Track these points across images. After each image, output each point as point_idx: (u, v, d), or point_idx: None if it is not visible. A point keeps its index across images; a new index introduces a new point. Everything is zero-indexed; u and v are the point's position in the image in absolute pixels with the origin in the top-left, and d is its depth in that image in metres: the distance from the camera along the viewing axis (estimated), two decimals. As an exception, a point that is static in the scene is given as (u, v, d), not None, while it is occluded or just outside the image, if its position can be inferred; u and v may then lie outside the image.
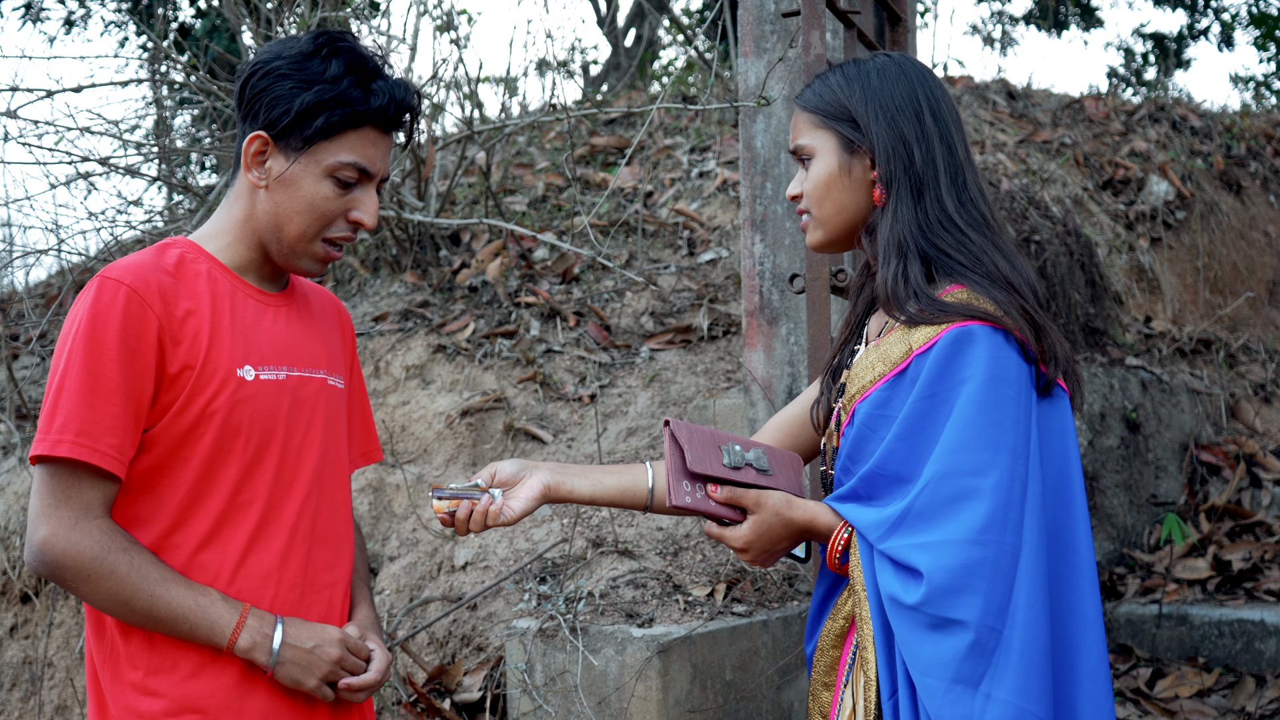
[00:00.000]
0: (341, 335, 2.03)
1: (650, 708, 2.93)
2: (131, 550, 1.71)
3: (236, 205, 1.86)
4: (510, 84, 6.60)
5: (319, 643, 1.80)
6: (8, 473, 4.49)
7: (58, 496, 1.70)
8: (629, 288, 4.62)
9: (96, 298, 1.71)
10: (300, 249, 1.83)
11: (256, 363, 1.80)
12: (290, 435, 1.83)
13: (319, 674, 1.79)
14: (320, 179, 1.79)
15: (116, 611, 1.72)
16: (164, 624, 1.73)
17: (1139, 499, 4.90)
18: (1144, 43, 13.05)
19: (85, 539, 1.69)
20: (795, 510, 1.80)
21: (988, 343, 1.70)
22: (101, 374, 1.69)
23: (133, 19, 7.59)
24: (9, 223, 6.20)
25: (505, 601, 3.38)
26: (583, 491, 1.95)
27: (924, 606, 1.63)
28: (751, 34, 3.52)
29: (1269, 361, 5.92)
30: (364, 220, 1.83)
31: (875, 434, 1.77)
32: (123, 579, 1.69)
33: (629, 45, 9.57)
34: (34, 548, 1.70)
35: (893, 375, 1.77)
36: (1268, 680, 4.00)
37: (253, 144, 1.80)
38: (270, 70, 1.78)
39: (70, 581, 1.70)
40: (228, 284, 1.83)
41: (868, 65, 1.88)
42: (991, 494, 1.65)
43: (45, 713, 4.00)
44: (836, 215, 1.87)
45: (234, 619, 1.74)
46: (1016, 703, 1.60)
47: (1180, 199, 6.18)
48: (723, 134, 5.56)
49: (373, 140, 1.81)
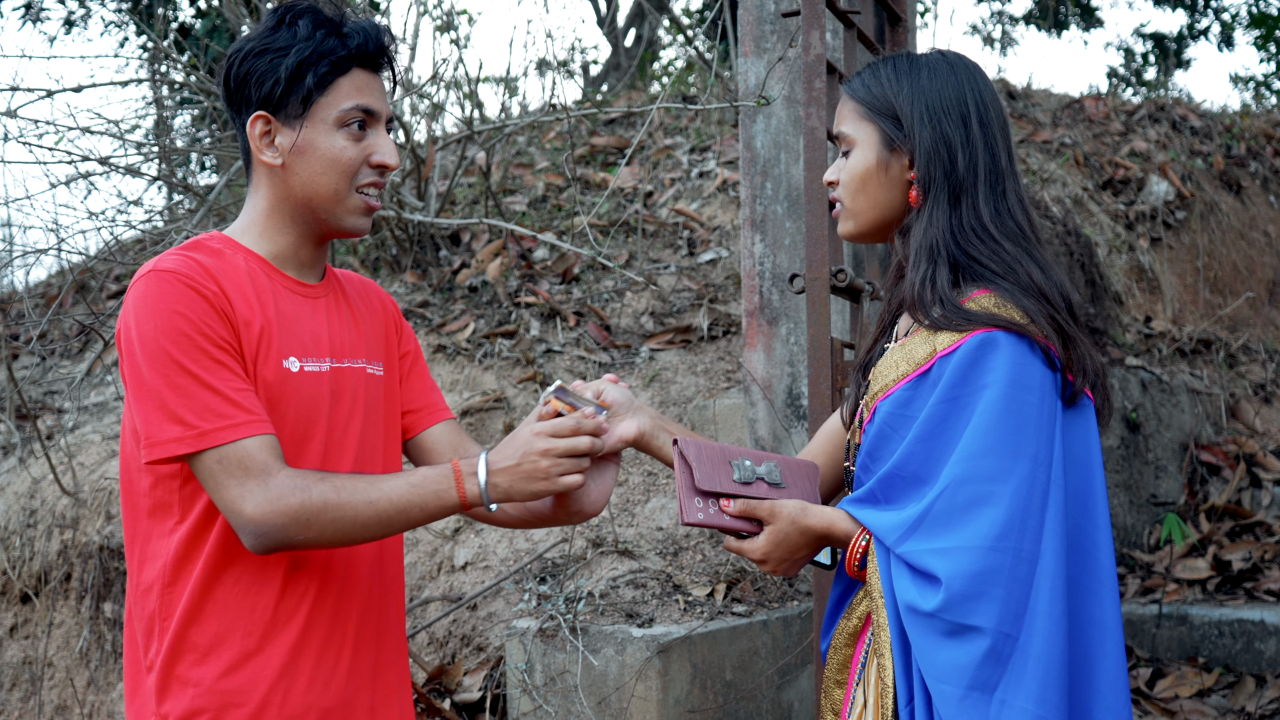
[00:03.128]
0: (384, 319, 2.03)
1: (650, 708, 2.92)
2: (326, 477, 1.72)
3: (259, 196, 1.87)
4: (510, 84, 6.61)
5: (521, 450, 1.76)
6: (8, 473, 4.49)
7: (236, 476, 1.69)
8: (629, 288, 4.62)
9: (157, 290, 1.72)
10: (339, 208, 1.84)
11: (300, 354, 1.81)
12: (332, 427, 1.84)
13: (546, 473, 1.76)
14: (331, 133, 1.81)
15: (354, 535, 1.72)
16: (396, 520, 1.73)
17: (1139, 499, 4.90)
18: (1144, 43, 13.04)
19: (283, 493, 1.68)
20: (811, 518, 1.79)
21: (1011, 349, 1.70)
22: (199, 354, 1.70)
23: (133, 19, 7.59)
24: (9, 223, 6.20)
25: (505, 601, 3.38)
26: (669, 447, 1.93)
27: (941, 613, 1.63)
28: (751, 34, 3.52)
29: (1269, 361, 5.92)
30: (386, 161, 1.85)
31: (896, 433, 1.77)
32: (338, 504, 1.70)
33: (629, 45, 9.56)
34: (248, 528, 1.68)
35: (915, 375, 1.76)
36: (1268, 680, 4.00)
37: (255, 125, 1.82)
38: (245, 54, 1.81)
39: (296, 536, 1.69)
40: (266, 276, 1.84)
41: (920, 61, 1.86)
42: (1010, 500, 1.65)
43: (45, 713, 4.01)
44: (870, 210, 1.87)
45: (450, 478, 1.75)
46: (1033, 710, 1.60)
47: (1180, 199, 6.18)
48: (723, 134, 5.56)
49: (365, 81, 1.83)
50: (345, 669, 1.84)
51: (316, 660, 1.80)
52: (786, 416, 3.47)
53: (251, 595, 1.77)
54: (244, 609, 1.77)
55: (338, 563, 1.84)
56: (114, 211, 4.64)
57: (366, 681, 1.87)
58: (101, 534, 4.04)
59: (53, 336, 5.34)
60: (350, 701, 1.84)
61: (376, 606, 1.90)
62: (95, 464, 4.28)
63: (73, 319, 4.94)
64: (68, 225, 5.33)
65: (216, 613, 1.76)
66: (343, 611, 1.85)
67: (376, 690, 1.89)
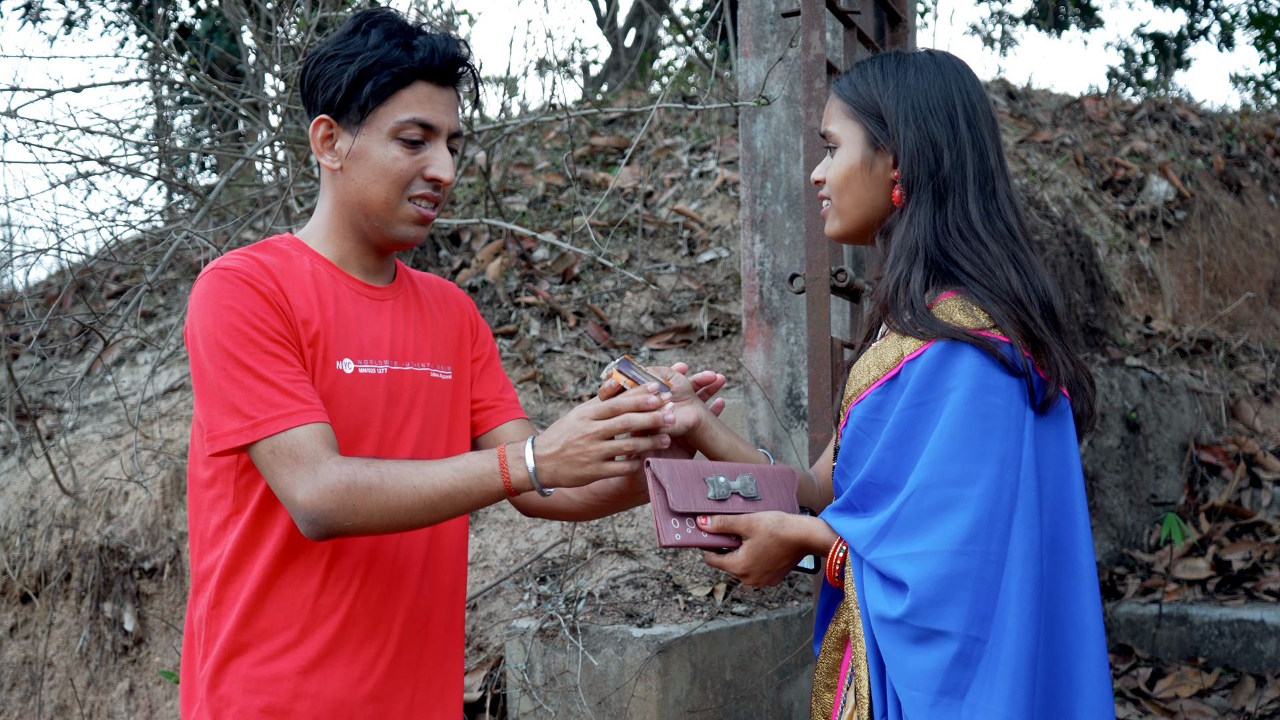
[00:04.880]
0: (459, 321, 2.03)
1: (650, 708, 2.92)
2: (373, 463, 1.73)
3: (324, 199, 1.90)
4: (510, 84, 6.60)
5: (565, 436, 1.74)
6: (8, 473, 4.49)
7: (288, 464, 1.71)
8: (629, 288, 4.62)
9: (216, 287, 1.76)
10: (389, 216, 1.86)
11: (356, 356, 1.83)
12: (386, 429, 1.85)
13: (591, 457, 1.73)
14: (386, 143, 1.82)
15: (400, 521, 1.73)
16: (442, 506, 1.73)
17: (1139, 499, 4.90)
18: (1144, 43, 13.04)
19: (331, 479, 1.69)
20: (788, 529, 1.78)
21: (975, 352, 1.69)
22: (254, 348, 1.73)
23: (133, 19, 7.59)
24: (9, 222, 6.20)
25: (505, 601, 3.38)
26: (718, 447, 1.92)
27: (909, 619, 1.63)
28: (751, 34, 3.52)
29: (1269, 361, 5.92)
30: (440, 175, 1.86)
31: (869, 437, 1.77)
32: (384, 490, 1.70)
33: (629, 45, 9.56)
34: (301, 514, 1.71)
35: (886, 380, 1.76)
36: (1268, 680, 4.00)
37: (318, 129, 1.85)
38: (320, 57, 1.84)
39: (344, 522, 1.71)
40: (329, 277, 1.86)
41: (908, 61, 1.85)
42: (978, 504, 1.64)
43: (45, 713, 4.01)
44: (855, 208, 1.86)
45: (495, 463, 1.74)
46: (1003, 712, 1.59)
47: (1180, 199, 6.18)
48: (723, 134, 5.56)
49: (428, 95, 1.84)
50: (385, 666, 1.85)
51: (353, 655, 1.82)
52: (786, 416, 3.47)
53: (293, 589, 1.80)
54: (291, 603, 1.80)
55: (384, 558, 1.85)
56: (114, 211, 4.64)
57: (408, 680, 1.88)
58: (101, 534, 4.04)
59: (53, 336, 5.34)
60: (388, 698, 1.85)
61: (426, 604, 1.91)
62: (95, 464, 4.28)
63: (73, 319, 4.94)
64: (68, 225, 5.33)
65: (271, 607, 1.79)
66: (388, 608, 1.86)
67: (418, 690, 1.89)
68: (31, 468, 4.40)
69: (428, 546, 1.92)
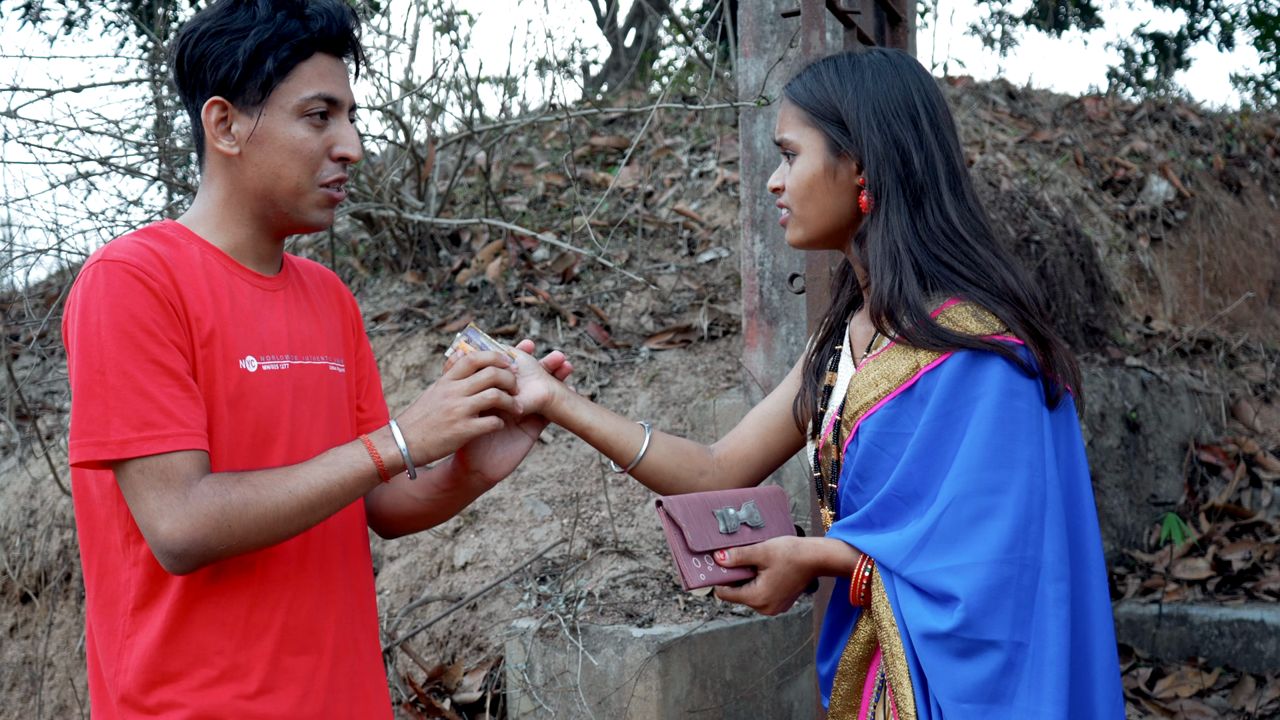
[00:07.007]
0: (341, 312, 1.95)
1: (650, 708, 2.92)
2: (243, 478, 1.64)
3: (214, 186, 1.77)
4: (510, 84, 6.60)
5: (426, 405, 1.72)
6: (8, 473, 4.49)
7: (156, 488, 1.60)
8: (629, 288, 4.62)
9: (105, 281, 1.62)
10: (300, 201, 1.75)
11: (258, 352, 1.72)
12: (296, 427, 1.76)
13: (456, 415, 1.71)
14: (291, 122, 1.72)
15: (280, 531, 1.64)
16: (320, 505, 1.66)
17: (1139, 499, 4.90)
18: (1144, 43, 13.04)
19: (202, 503, 1.59)
20: (804, 554, 1.76)
21: (999, 360, 1.69)
22: (139, 355, 1.61)
23: (133, 19, 7.59)
24: (9, 223, 6.20)
25: (505, 601, 3.38)
26: (581, 417, 1.90)
27: (960, 632, 1.62)
28: (751, 34, 3.52)
29: (1269, 361, 5.92)
30: (349, 153, 1.76)
31: (886, 451, 1.74)
32: (260, 503, 1.62)
33: (629, 45, 9.56)
34: (164, 546, 1.59)
35: (899, 392, 1.74)
36: (1268, 680, 4.00)
37: (211, 111, 1.72)
38: (201, 34, 1.71)
39: (218, 546, 1.60)
40: (223, 269, 1.74)
41: (862, 62, 1.81)
42: (1014, 510, 1.64)
43: (45, 713, 4.00)
44: (819, 217, 1.82)
45: (364, 450, 1.69)
46: (1051, 712, 1.61)
47: (1180, 199, 6.18)
48: (723, 134, 5.56)
49: (328, 68, 1.74)
50: (324, 680, 1.76)
51: (292, 673, 1.73)
52: (786, 416, 3.47)
53: (221, 608, 1.68)
54: (217, 627, 1.68)
55: (310, 566, 1.77)
56: (114, 211, 4.64)
57: (344, 691, 1.80)
58: (101, 534, 4.04)
59: (53, 336, 5.33)
60: (329, 712, 1.77)
61: (350, 613, 1.83)
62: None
63: (73, 319, 4.93)
64: (68, 225, 5.32)
65: (191, 635, 1.67)
66: (319, 620, 1.77)
67: (355, 700, 1.82)
68: (31, 468, 4.40)
69: (343, 553, 1.84)
